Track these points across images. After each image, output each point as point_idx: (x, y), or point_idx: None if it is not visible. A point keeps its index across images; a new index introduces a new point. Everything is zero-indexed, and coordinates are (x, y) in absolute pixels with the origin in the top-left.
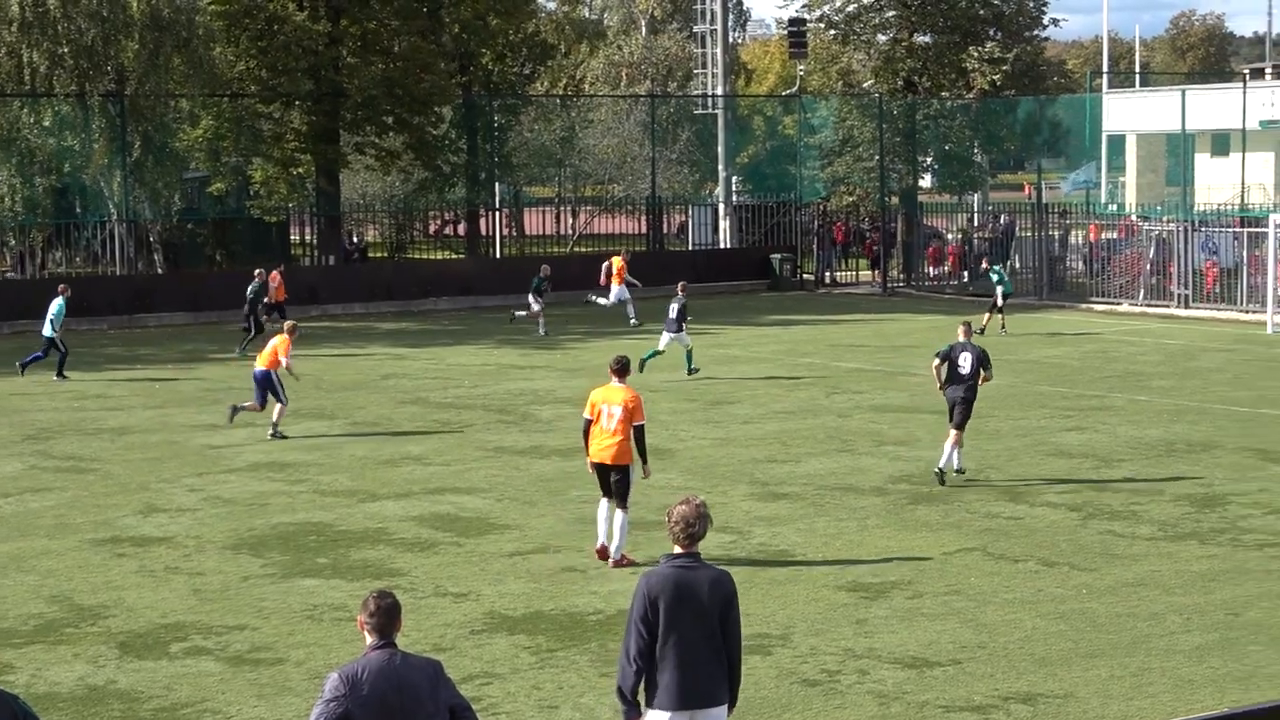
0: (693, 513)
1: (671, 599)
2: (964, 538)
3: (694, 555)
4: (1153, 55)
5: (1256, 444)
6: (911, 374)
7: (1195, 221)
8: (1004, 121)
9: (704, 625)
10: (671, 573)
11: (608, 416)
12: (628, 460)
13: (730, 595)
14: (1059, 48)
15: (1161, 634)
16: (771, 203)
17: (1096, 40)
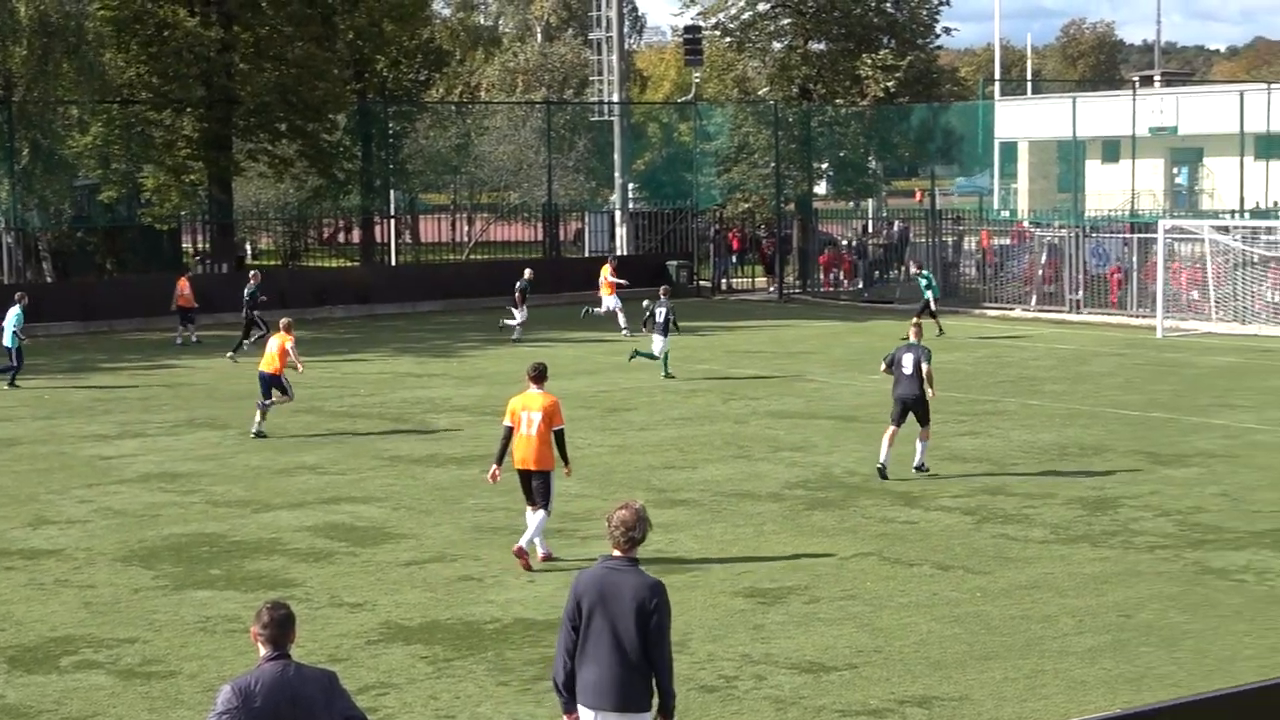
0: (632, 517)
1: (594, 599)
2: (860, 542)
3: (630, 559)
4: (1044, 63)
5: (1147, 447)
6: (808, 380)
7: (1086, 228)
8: (898, 128)
9: (623, 628)
10: (600, 573)
11: (527, 423)
12: (550, 465)
13: (653, 602)
14: (952, 55)
15: (1055, 636)
16: (668, 210)
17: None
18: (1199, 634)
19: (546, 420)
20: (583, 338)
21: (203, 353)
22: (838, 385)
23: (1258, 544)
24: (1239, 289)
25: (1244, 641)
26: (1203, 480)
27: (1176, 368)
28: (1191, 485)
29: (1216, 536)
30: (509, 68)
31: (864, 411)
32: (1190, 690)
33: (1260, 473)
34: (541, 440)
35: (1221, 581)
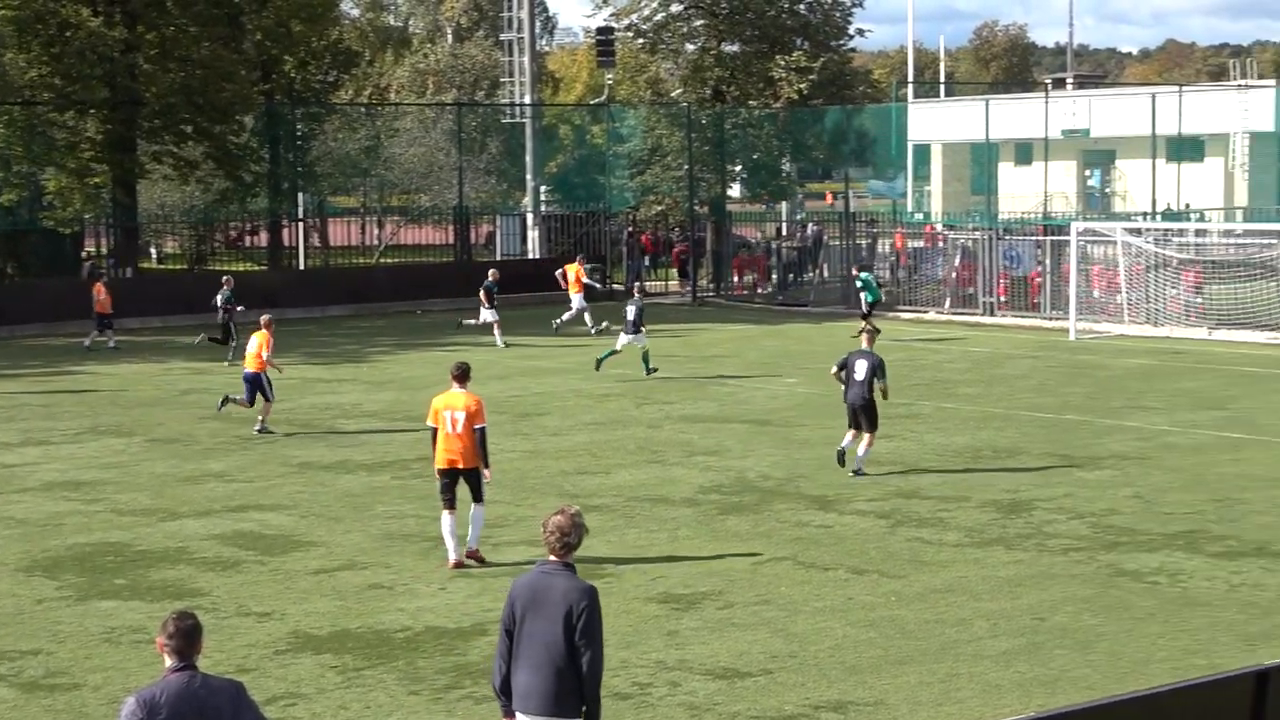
0: (568, 522)
1: (527, 603)
2: (774, 547)
3: (565, 564)
4: (957, 65)
5: (1061, 449)
6: (722, 384)
7: (999, 230)
8: (812, 131)
9: (553, 633)
10: (533, 578)
11: (451, 422)
12: (476, 463)
13: (581, 605)
14: (865, 58)
15: (969, 640)
16: (580, 212)
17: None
18: (1113, 636)
19: (470, 419)
20: (493, 342)
21: (109, 359)
22: (751, 389)
23: (1170, 546)
24: (1151, 291)
25: (1158, 644)
26: (1116, 482)
27: (1090, 370)
28: (1105, 487)
29: (1130, 539)
30: (419, 69)
31: (778, 415)
32: (1104, 693)
33: (1172, 474)
34: (467, 438)
35: (1135, 584)
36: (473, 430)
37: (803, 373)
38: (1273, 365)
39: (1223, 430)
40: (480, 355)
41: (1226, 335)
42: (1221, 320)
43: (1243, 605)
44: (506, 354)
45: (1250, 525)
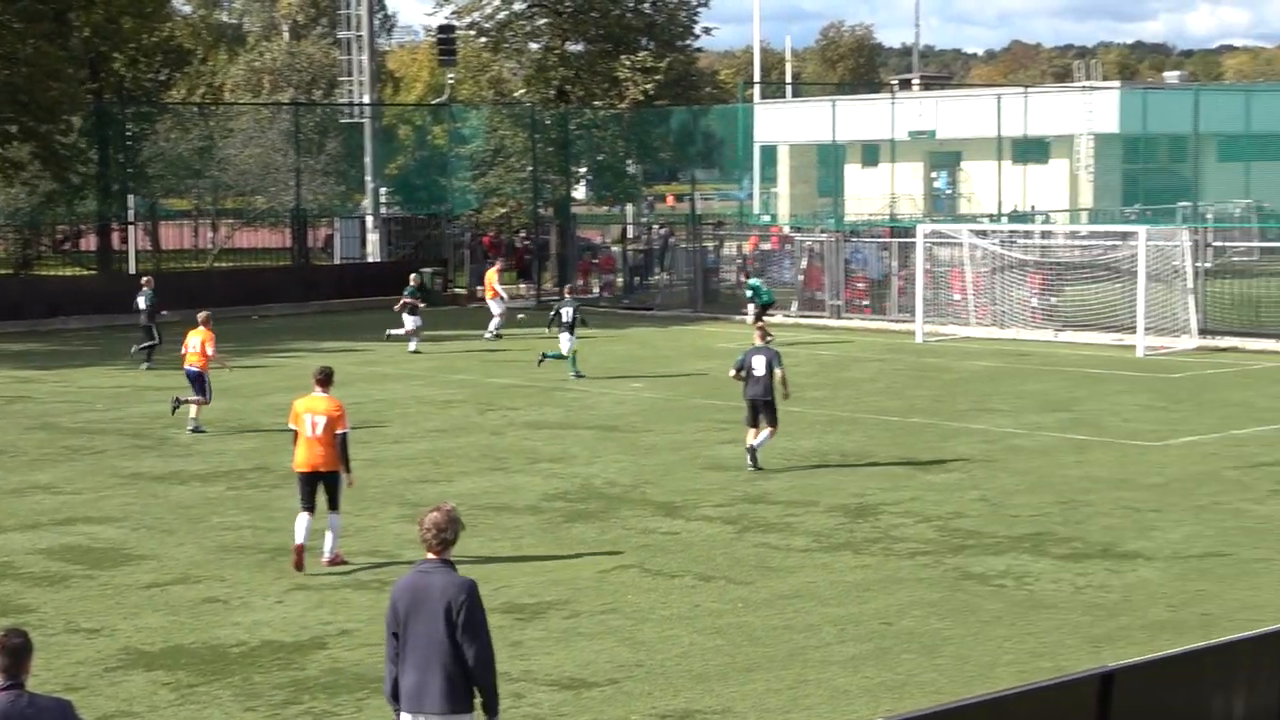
0: (444, 519)
1: (409, 604)
2: (620, 554)
3: (443, 561)
4: (804, 66)
5: (907, 453)
6: (566, 389)
7: (846, 232)
8: (657, 132)
9: (436, 630)
10: (412, 578)
11: (312, 425)
12: (336, 467)
13: (460, 599)
14: (711, 58)
15: (817, 645)
16: (422, 215)
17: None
18: (960, 640)
19: (331, 424)
20: (333, 348)
21: None
22: (597, 394)
23: (1016, 549)
24: (997, 293)
25: (1004, 647)
26: (962, 485)
27: (936, 372)
28: (951, 490)
29: (976, 542)
30: (254, 67)
31: (624, 421)
32: (951, 696)
33: (1018, 477)
34: (327, 443)
35: (981, 587)
36: (333, 435)
37: (649, 377)
38: (1117, 366)
39: (1068, 432)
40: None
41: (1072, 337)
42: (1067, 322)
43: (1088, 607)
44: (348, 360)
45: (1095, 527)
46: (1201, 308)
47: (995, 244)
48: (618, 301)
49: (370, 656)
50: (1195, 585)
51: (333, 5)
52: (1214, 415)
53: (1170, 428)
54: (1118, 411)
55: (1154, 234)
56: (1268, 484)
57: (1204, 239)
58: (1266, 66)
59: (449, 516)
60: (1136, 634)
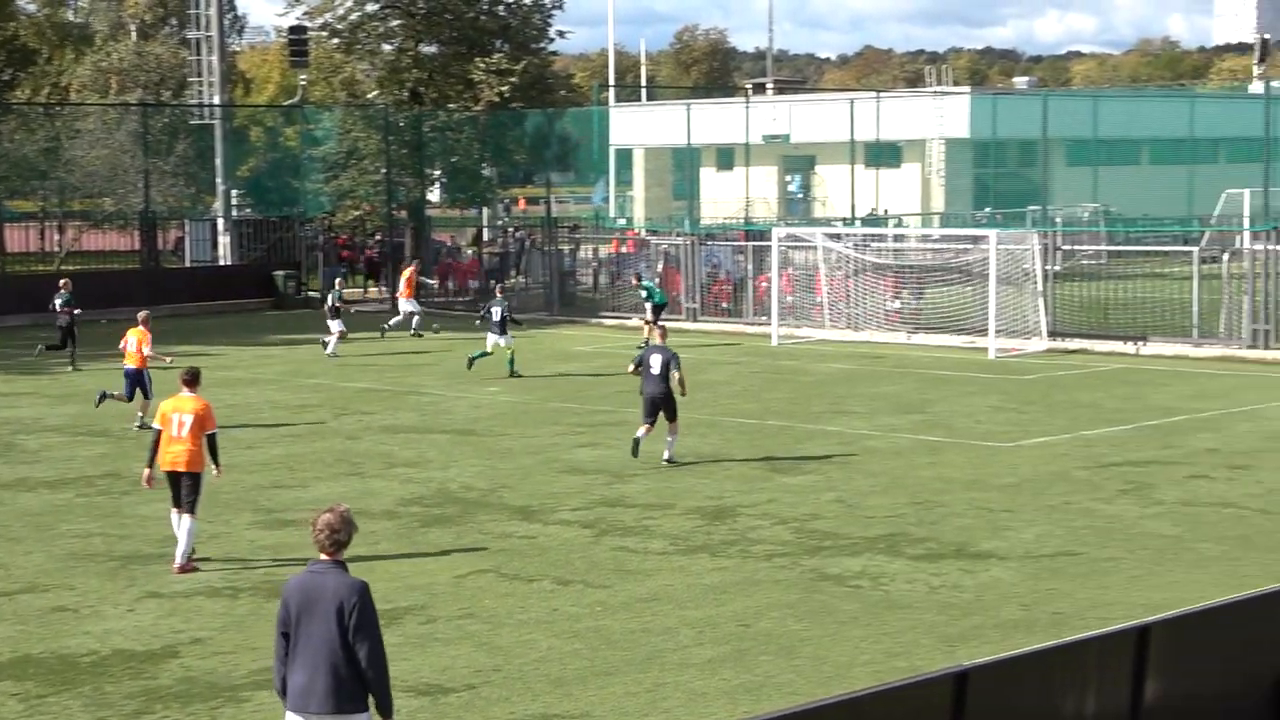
0: (337, 520)
1: (300, 604)
2: (477, 559)
3: (335, 562)
4: (658, 69)
5: (764, 455)
6: (422, 393)
7: (701, 235)
8: (513, 134)
9: (327, 630)
10: (304, 579)
11: (178, 425)
12: (200, 467)
13: (352, 600)
14: (566, 60)
15: (675, 648)
16: (274, 218)
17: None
18: (817, 641)
19: (199, 424)
20: (185, 353)
21: None
22: (453, 398)
23: (872, 549)
24: (852, 296)
25: (860, 647)
26: (818, 487)
27: (792, 375)
28: (807, 492)
29: (832, 543)
30: (102, 67)
31: (481, 424)
32: (808, 697)
33: (873, 478)
34: (193, 443)
35: (838, 588)
36: (199, 434)
37: (505, 381)
38: (968, 368)
39: (921, 434)
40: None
41: (925, 339)
42: (920, 325)
43: (942, 607)
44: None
45: (949, 527)
46: (1051, 310)
47: (849, 247)
48: (474, 305)
49: (223, 665)
50: (1047, 584)
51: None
52: (1064, 416)
53: (1021, 429)
54: (970, 413)
55: (1004, 237)
56: (1116, 484)
57: (1053, 242)
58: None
59: (342, 518)
60: (990, 633)
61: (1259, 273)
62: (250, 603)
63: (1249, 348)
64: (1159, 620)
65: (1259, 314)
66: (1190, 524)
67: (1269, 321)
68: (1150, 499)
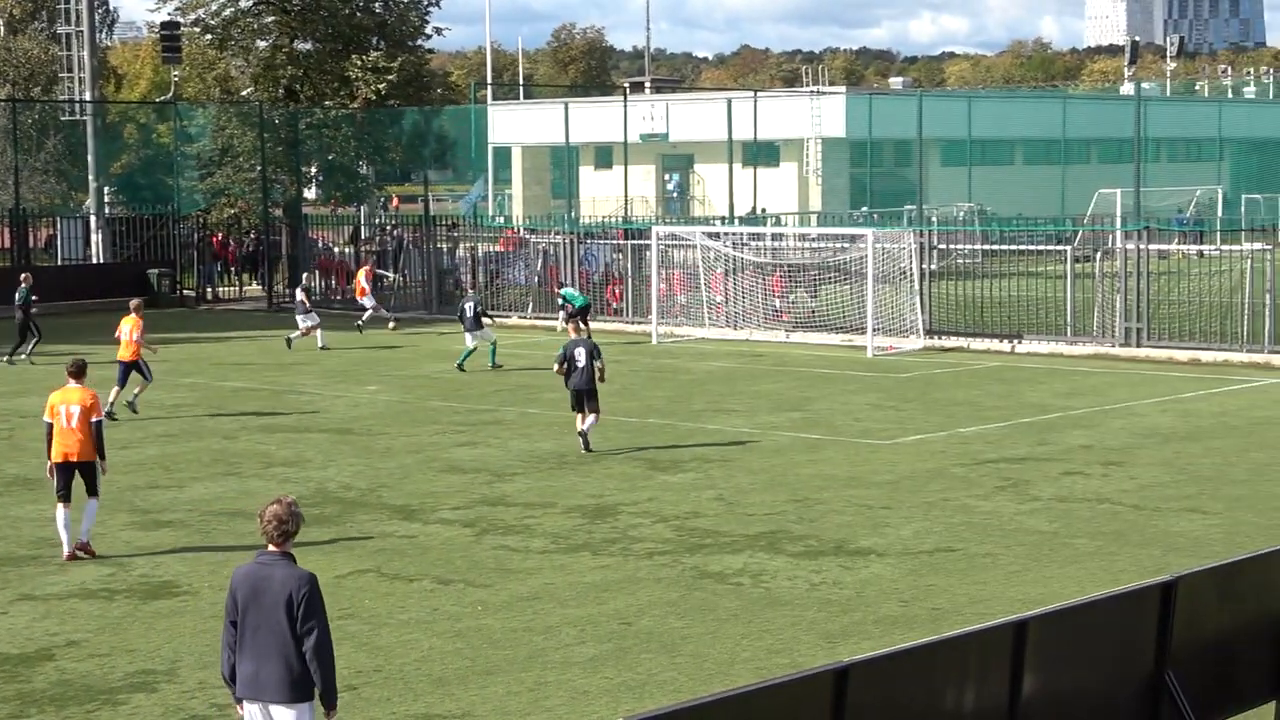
0: (284, 511)
1: (247, 594)
2: (357, 559)
3: (283, 553)
4: (536, 67)
5: (644, 453)
6: (299, 392)
7: (580, 234)
8: (389, 132)
9: (275, 621)
10: (252, 568)
11: (67, 416)
12: (93, 456)
13: (301, 592)
14: (443, 58)
15: (557, 647)
16: (148, 215)
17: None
18: (698, 638)
19: (85, 413)
20: (56, 352)
21: None
22: (332, 398)
23: (753, 547)
24: (731, 295)
25: (741, 644)
26: (699, 485)
27: (672, 373)
28: (688, 490)
29: (713, 540)
30: None
31: (360, 424)
32: (691, 695)
33: (753, 476)
34: (82, 432)
35: (719, 585)
36: (88, 424)
37: (384, 380)
38: (847, 367)
39: (801, 431)
40: (43, 367)
41: (803, 338)
42: (799, 323)
43: (823, 604)
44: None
45: (829, 524)
46: (928, 308)
47: (728, 246)
48: (352, 304)
49: (100, 668)
50: (925, 580)
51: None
52: (941, 414)
53: (899, 426)
54: (849, 411)
55: (881, 236)
56: (992, 481)
57: (929, 241)
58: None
59: (290, 509)
60: (870, 629)
61: (1130, 271)
62: (126, 605)
63: (1122, 346)
64: (1036, 615)
65: (1131, 312)
66: (1065, 520)
67: (1140, 320)
68: (1026, 495)
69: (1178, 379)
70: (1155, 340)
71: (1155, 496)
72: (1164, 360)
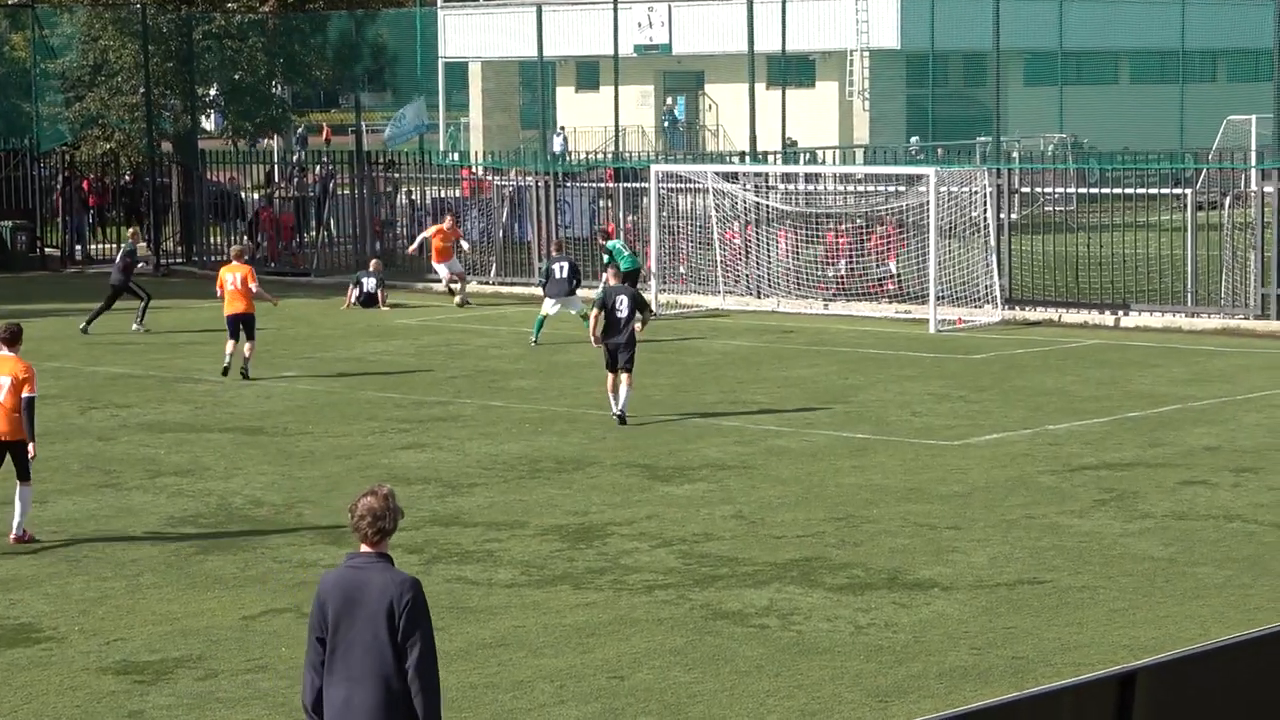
0: (381, 505)
1: (340, 604)
2: (271, 596)
3: (379, 554)
4: None
5: (640, 458)
6: (195, 379)
7: (559, 174)
8: (310, 43)
9: (372, 637)
10: (344, 574)
11: None
12: (23, 436)
13: (404, 600)
14: None
15: (529, 708)
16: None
17: None
18: (711, 696)
19: (16, 388)
20: None
21: None
22: (237, 387)
23: (781, 578)
24: (755, 253)
25: (767, 704)
26: (712, 499)
27: (678, 354)
28: (698, 506)
29: (730, 570)
30: None
31: (272, 421)
32: None
33: (782, 487)
34: (13, 409)
35: (738, 628)
36: (18, 399)
37: (304, 363)
38: (904, 346)
39: (844, 429)
40: None
41: (846, 308)
42: (839, 291)
43: (871, 651)
44: None
45: (879, 549)
46: (1007, 271)
47: (749, 190)
48: (263, 265)
49: None
50: (1004, 621)
51: None
52: (1024, 406)
53: (971, 423)
54: (905, 403)
55: (947, 177)
56: (1091, 492)
57: (1009, 183)
58: None
59: (387, 502)
60: (932, 684)
61: (1269, 222)
62: None
63: (1257, 318)
64: (1147, 665)
65: (1270, 275)
66: (1185, 543)
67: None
68: (1134, 512)
69: None
70: None
71: None
72: None
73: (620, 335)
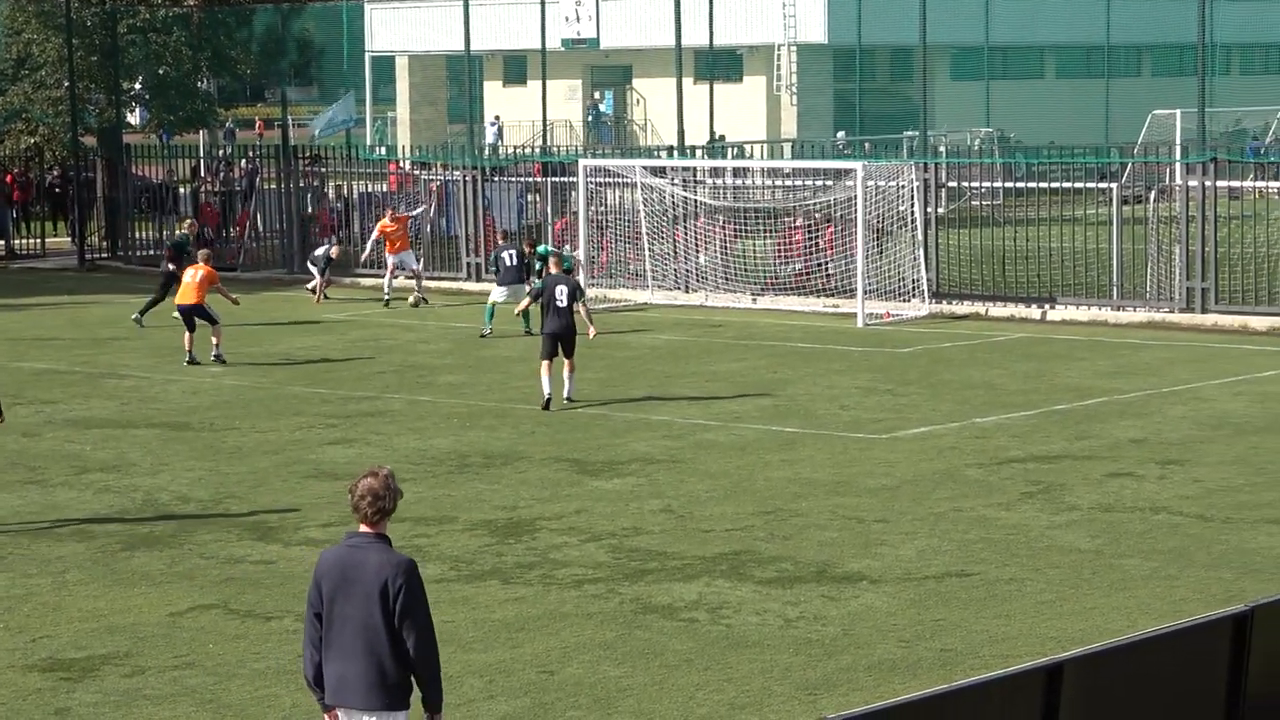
0: (381, 485)
1: (336, 582)
2: (198, 591)
3: (377, 535)
4: None
5: (570, 452)
6: (121, 375)
7: (487, 169)
8: (236, 37)
9: (368, 614)
10: (341, 552)
11: None
12: None
13: (398, 581)
14: None
15: (459, 703)
16: None
17: None
18: (640, 690)
19: None
20: None
21: None
22: (163, 382)
23: (711, 572)
24: (681, 248)
25: (696, 698)
26: (641, 493)
27: (606, 349)
28: (627, 500)
29: (660, 564)
30: None
31: (200, 416)
32: None
33: (711, 481)
34: None
35: (667, 622)
36: None
37: (233, 358)
38: (830, 339)
39: (772, 423)
40: None
41: (773, 303)
42: (766, 285)
43: (800, 644)
44: None
45: (808, 543)
46: (934, 265)
47: (677, 185)
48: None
49: None
50: (932, 614)
51: None
52: (951, 400)
53: (899, 416)
54: (834, 397)
55: (874, 171)
56: (1018, 485)
57: (935, 177)
58: None
59: (386, 483)
60: (861, 677)
61: (1194, 215)
62: None
63: (1182, 311)
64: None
65: (1194, 268)
66: (1111, 535)
67: (1206, 278)
68: (1061, 504)
69: (1254, 354)
70: (1225, 304)
71: (1226, 504)
72: (1236, 329)
73: (559, 325)
